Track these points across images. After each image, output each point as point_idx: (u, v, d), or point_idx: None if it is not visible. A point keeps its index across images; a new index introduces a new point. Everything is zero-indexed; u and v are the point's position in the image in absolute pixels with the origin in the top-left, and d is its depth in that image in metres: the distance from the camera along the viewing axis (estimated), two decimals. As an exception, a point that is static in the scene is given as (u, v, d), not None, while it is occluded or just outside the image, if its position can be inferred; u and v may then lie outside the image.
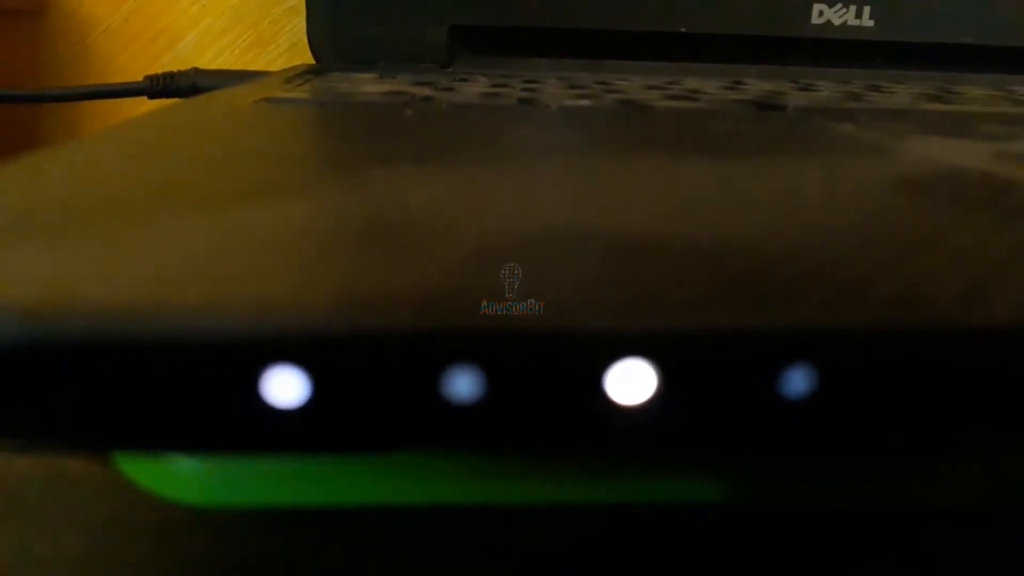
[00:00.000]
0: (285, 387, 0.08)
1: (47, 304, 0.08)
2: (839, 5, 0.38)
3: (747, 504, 0.12)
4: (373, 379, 0.08)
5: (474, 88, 0.28)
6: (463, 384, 0.08)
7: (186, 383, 0.08)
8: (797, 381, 0.08)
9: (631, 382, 0.08)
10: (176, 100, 0.37)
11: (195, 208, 0.11)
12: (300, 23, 0.38)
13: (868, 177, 0.15)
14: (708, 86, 0.31)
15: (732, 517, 0.13)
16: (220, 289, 0.08)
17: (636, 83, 0.32)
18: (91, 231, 0.10)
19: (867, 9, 0.38)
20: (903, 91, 0.31)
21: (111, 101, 0.42)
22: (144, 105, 0.38)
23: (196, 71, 0.38)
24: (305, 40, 0.38)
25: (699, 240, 0.10)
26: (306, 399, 0.08)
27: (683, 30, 0.38)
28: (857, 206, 0.12)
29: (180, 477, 0.12)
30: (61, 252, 0.09)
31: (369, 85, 0.28)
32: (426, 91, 0.26)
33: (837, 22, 0.39)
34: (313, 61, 0.38)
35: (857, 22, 0.39)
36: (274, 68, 0.44)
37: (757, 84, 0.33)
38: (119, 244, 0.09)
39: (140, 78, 0.38)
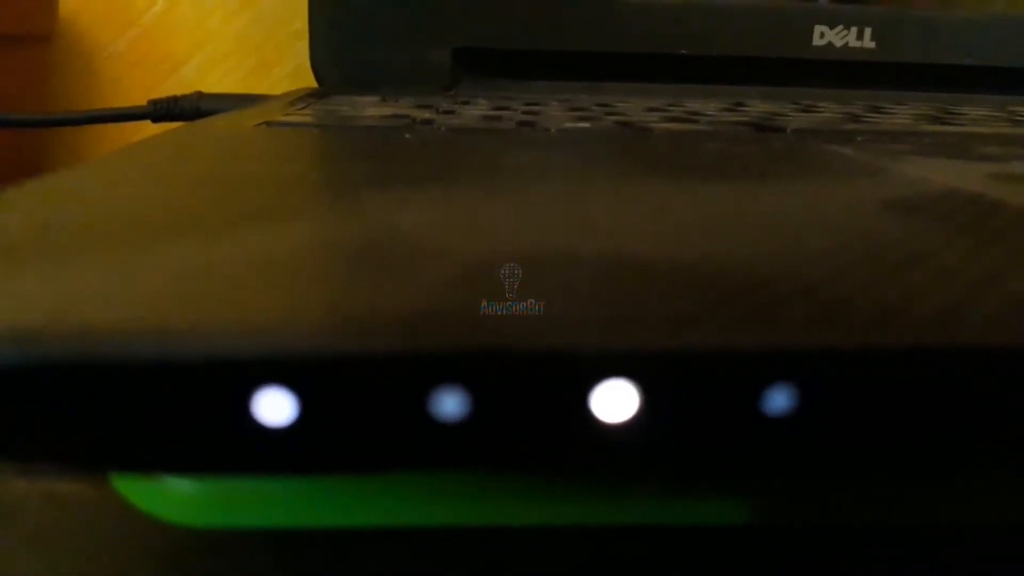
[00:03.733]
0: (275, 408, 0.08)
1: (41, 326, 0.08)
2: (840, 27, 0.39)
3: (734, 525, 0.12)
4: (361, 399, 0.08)
5: (475, 111, 0.28)
6: (450, 404, 0.08)
7: (178, 404, 0.08)
8: (778, 400, 0.08)
9: (615, 401, 0.08)
10: (180, 124, 0.37)
11: (191, 232, 0.11)
12: (303, 47, 0.38)
13: (861, 199, 0.15)
14: (709, 108, 0.31)
15: (720, 538, 0.13)
16: (212, 311, 0.08)
17: (637, 105, 0.32)
18: (87, 255, 0.10)
19: (868, 31, 0.39)
20: (903, 112, 0.31)
21: (115, 125, 0.42)
22: (148, 129, 0.38)
23: (199, 95, 0.38)
24: (308, 64, 0.38)
25: (685, 261, 0.10)
26: (296, 420, 0.08)
27: (684, 52, 0.38)
28: (846, 227, 0.12)
29: (176, 498, 0.12)
30: (57, 275, 0.09)
31: (370, 108, 0.28)
32: (427, 114, 0.26)
33: (839, 44, 0.39)
34: (316, 84, 0.38)
35: (858, 44, 0.39)
36: (277, 92, 0.44)
37: (758, 106, 0.33)
38: (114, 267, 0.10)
39: (144, 102, 0.38)
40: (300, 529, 0.12)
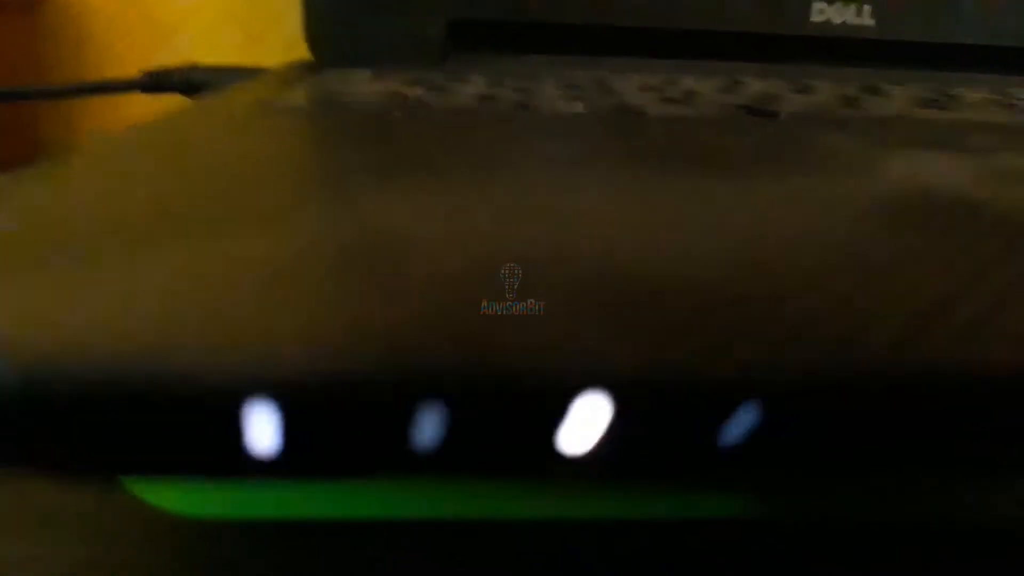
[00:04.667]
0: (260, 424, 0.08)
1: (41, 348, 0.08)
2: (839, 3, 0.38)
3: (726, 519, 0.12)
4: (341, 417, 0.08)
5: (469, 89, 0.28)
6: (430, 422, 0.08)
7: (167, 420, 0.08)
8: (749, 419, 0.08)
9: (588, 419, 0.08)
10: (172, 95, 0.37)
11: (176, 240, 0.11)
12: (297, 18, 0.38)
13: (842, 203, 0.14)
14: (704, 87, 0.31)
15: (715, 534, 0.13)
16: (195, 331, 0.08)
17: (632, 83, 0.32)
18: (77, 267, 0.10)
19: (867, 8, 0.38)
20: (900, 93, 0.31)
21: (107, 96, 0.42)
22: (139, 99, 0.38)
23: (192, 67, 0.38)
24: (300, 33, 0.38)
25: (660, 277, 0.10)
26: (280, 434, 0.08)
27: (682, 27, 0.38)
28: (821, 237, 0.12)
29: (181, 489, 0.12)
30: (49, 289, 0.09)
31: (363, 85, 0.28)
32: (419, 91, 0.26)
33: (837, 21, 0.38)
34: (309, 55, 0.38)
35: (857, 21, 0.39)
36: (270, 62, 0.43)
37: (754, 84, 0.33)
38: (96, 283, 0.10)
39: (137, 72, 0.38)
40: (305, 521, 0.12)
